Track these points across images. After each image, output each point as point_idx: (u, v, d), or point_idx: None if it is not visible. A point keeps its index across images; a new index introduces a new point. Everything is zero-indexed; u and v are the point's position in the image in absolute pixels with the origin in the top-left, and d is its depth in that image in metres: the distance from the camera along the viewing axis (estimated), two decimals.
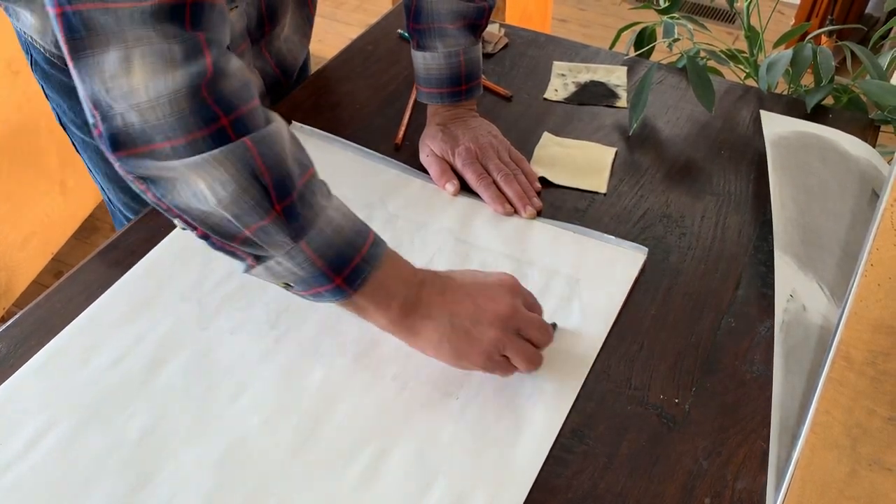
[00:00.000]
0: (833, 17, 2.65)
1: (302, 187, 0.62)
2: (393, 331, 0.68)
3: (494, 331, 0.66)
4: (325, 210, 0.63)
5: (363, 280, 0.64)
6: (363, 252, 0.64)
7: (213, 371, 0.70)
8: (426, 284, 0.67)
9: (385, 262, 0.66)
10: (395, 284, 0.66)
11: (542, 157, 0.95)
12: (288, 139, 0.63)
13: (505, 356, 0.67)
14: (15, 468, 0.63)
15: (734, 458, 0.65)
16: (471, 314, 0.66)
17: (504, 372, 0.68)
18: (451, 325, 0.66)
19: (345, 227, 0.64)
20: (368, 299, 0.65)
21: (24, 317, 0.75)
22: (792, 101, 1.06)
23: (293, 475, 0.63)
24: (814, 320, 0.75)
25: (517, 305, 0.68)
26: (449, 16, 0.90)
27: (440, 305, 0.66)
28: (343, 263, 0.63)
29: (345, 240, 0.63)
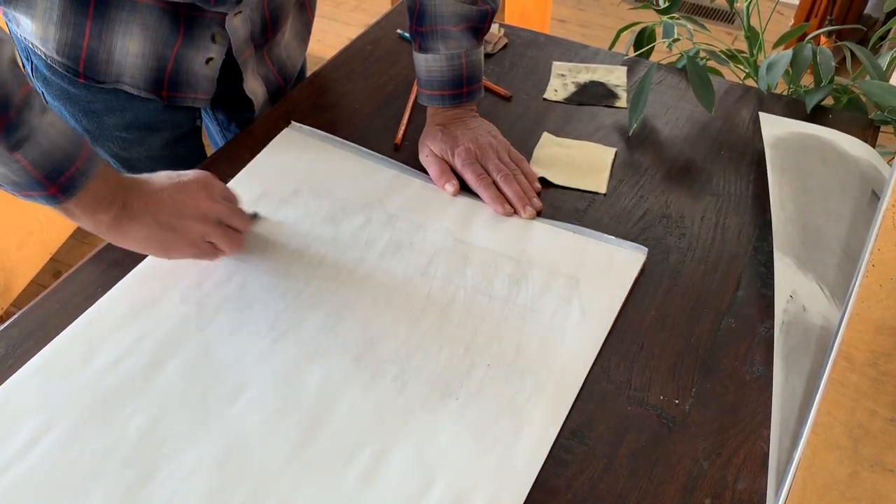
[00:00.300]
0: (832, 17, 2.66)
1: (19, 102, 0.66)
2: (103, 234, 0.73)
3: (196, 222, 0.74)
4: (42, 125, 0.68)
5: (76, 189, 0.70)
6: (78, 165, 0.70)
7: (213, 372, 0.70)
8: (131, 190, 0.73)
9: (97, 175, 0.71)
10: (103, 193, 0.71)
11: (542, 158, 0.95)
12: (7, 55, 0.67)
13: (210, 243, 0.76)
14: (14, 468, 0.63)
15: (734, 458, 0.65)
16: (173, 210, 0.74)
17: (211, 256, 0.78)
18: (156, 223, 0.73)
19: (60, 140, 0.69)
20: (79, 207, 0.71)
21: (23, 317, 0.75)
22: (792, 101, 1.06)
23: (292, 475, 0.63)
24: (814, 321, 0.75)
25: (213, 198, 0.76)
26: (452, 18, 0.89)
27: (144, 207, 0.73)
28: (57, 174, 0.68)
29: (61, 152, 0.69)
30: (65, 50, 0.86)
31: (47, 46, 0.87)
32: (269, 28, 0.97)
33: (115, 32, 0.85)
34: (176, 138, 1.00)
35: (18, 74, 0.67)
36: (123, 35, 0.85)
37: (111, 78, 0.89)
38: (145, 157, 0.99)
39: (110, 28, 0.85)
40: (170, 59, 0.89)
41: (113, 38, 0.85)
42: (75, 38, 0.85)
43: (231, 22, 0.90)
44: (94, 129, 0.95)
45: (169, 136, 0.99)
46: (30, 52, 0.90)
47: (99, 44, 0.86)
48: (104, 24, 0.84)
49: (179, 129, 1.00)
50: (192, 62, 0.91)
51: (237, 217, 0.79)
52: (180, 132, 1.00)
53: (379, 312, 0.76)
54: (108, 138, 0.96)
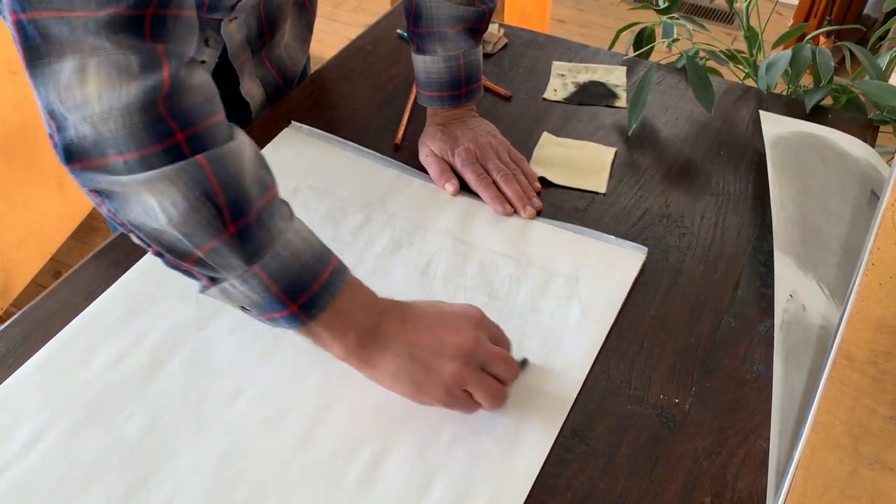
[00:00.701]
0: (831, 17, 2.66)
1: (260, 209, 0.59)
2: (350, 361, 0.65)
3: (455, 364, 0.63)
4: (283, 234, 0.60)
5: (320, 309, 0.61)
6: (322, 279, 0.61)
7: (212, 371, 0.70)
8: (386, 314, 0.64)
9: (345, 291, 0.63)
10: (354, 314, 0.63)
11: (542, 157, 0.95)
12: (250, 157, 0.61)
13: (467, 391, 0.64)
14: (14, 468, 0.63)
15: (734, 457, 0.65)
16: (431, 346, 0.63)
17: (466, 408, 0.65)
18: (410, 357, 0.63)
19: (304, 252, 0.61)
20: (325, 328, 0.62)
21: (23, 317, 0.75)
22: (791, 101, 1.06)
23: (292, 475, 0.63)
24: (814, 320, 0.75)
25: (480, 338, 0.65)
26: (448, 20, 0.90)
27: (400, 336, 0.64)
28: (299, 290, 0.60)
29: (303, 266, 0.61)
30: None
31: None
32: (267, 31, 0.97)
33: None
34: None
35: (263, 179, 0.61)
36: None
37: None
38: None
39: None
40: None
41: None
42: None
43: (227, 27, 0.90)
44: None
45: None
46: None
47: None
48: None
49: None
50: None
51: (505, 365, 0.66)
52: None
53: None
54: None
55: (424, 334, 0.64)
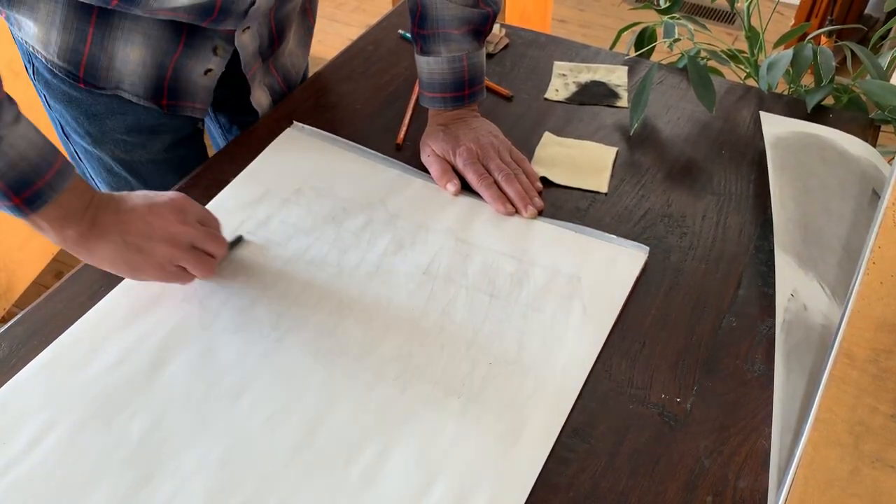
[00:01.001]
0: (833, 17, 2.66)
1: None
2: (68, 248, 0.72)
3: (165, 245, 0.72)
4: (10, 136, 0.68)
5: (42, 203, 0.69)
6: (46, 178, 0.69)
7: (215, 371, 0.71)
8: (101, 207, 0.72)
9: (67, 189, 0.70)
10: (73, 208, 0.70)
11: (543, 157, 0.95)
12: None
13: (180, 267, 0.74)
14: (17, 467, 0.63)
15: (736, 456, 0.66)
16: (142, 231, 0.72)
17: (180, 280, 0.75)
18: (124, 243, 0.72)
19: (28, 152, 0.68)
20: (46, 220, 0.70)
21: (27, 317, 0.75)
22: (792, 100, 1.06)
23: (294, 474, 0.63)
24: (815, 320, 0.75)
25: (186, 220, 0.74)
26: (454, 21, 0.90)
27: (113, 225, 0.72)
28: (23, 186, 0.67)
29: (28, 164, 0.68)
30: (65, 55, 0.86)
31: (48, 50, 0.87)
32: (276, 39, 0.97)
33: (117, 40, 0.85)
34: (177, 141, 1.00)
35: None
36: (125, 43, 0.85)
37: (111, 84, 0.89)
38: (147, 160, 0.99)
39: (112, 35, 0.85)
40: (168, 67, 0.89)
41: (114, 46, 0.85)
42: (76, 43, 0.85)
43: (240, 38, 0.90)
44: (96, 132, 0.95)
45: (170, 139, 0.99)
46: (31, 56, 0.90)
47: (100, 50, 0.86)
48: (106, 31, 0.84)
49: (181, 132, 1.00)
50: (191, 72, 0.91)
51: (211, 241, 0.76)
52: (182, 135, 1.00)
53: (381, 311, 0.76)
54: (110, 141, 0.96)
55: (136, 222, 0.73)
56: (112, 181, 1.01)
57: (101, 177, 1.02)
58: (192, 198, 0.87)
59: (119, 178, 1.00)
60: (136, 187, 1.01)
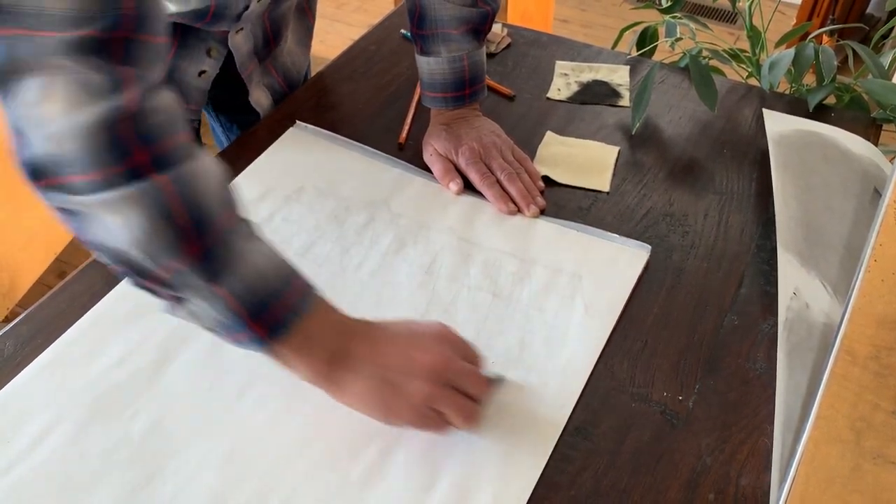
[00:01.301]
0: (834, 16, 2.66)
1: (223, 230, 0.58)
2: (316, 383, 0.63)
3: (425, 384, 0.61)
4: (248, 254, 0.59)
5: (286, 331, 0.60)
6: (289, 301, 0.60)
7: (218, 370, 0.71)
8: (356, 335, 0.63)
9: (313, 313, 0.62)
10: (320, 336, 0.62)
11: (546, 157, 0.95)
12: (214, 177, 0.60)
13: (438, 411, 0.63)
14: (21, 465, 0.63)
15: (738, 454, 0.66)
16: (400, 367, 0.62)
17: (438, 428, 0.63)
18: (379, 379, 0.62)
19: (269, 273, 0.60)
20: (291, 350, 0.61)
21: (31, 315, 0.75)
22: (794, 100, 1.06)
23: (298, 473, 0.64)
24: (817, 318, 0.75)
25: (450, 357, 0.63)
26: (452, 21, 0.90)
27: (368, 357, 0.62)
28: (265, 312, 0.59)
29: (268, 286, 0.59)
30: None
31: None
32: (272, 40, 0.97)
33: None
34: None
35: (227, 199, 0.60)
36: None
37: None
38: None
39: None
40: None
41: None
42: None
43: (233, 39, 0.90)
44: None
45: None
46: None
47: None
48: None
49: None
50: (185, 73, 0.90)
51: (476, 383, 0.64)
52: None
53: (383, 310, 0.76)
54: None
55: (393, 355, 0.63)
56: None
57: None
58: None
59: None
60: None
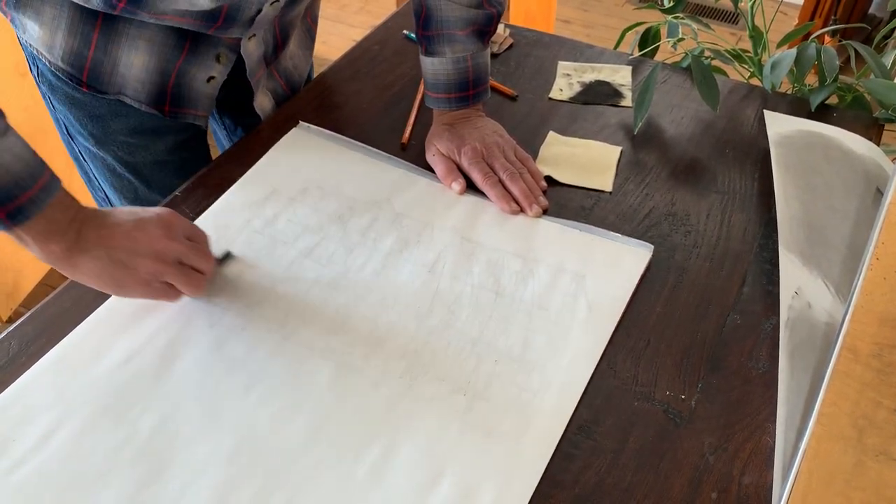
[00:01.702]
0: (836, 16, 2.66)
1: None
2: (54, 264, 0.71)
3: (150, 260, 0.71)
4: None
5: (25, 217, 0.68)
6: (31, 192, 0.68)
7: (223, 368, 0.71)
8: (86, 222, 0.71)
9: (52, 204, 0.69)
10: (56, 223, 0.70)
11: (548, 157, 0.96)
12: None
13: (167, 283, 0.72)
14: (28, 463, 0.64)
15: (740, 453, 0.66)
16: (127, 247, 0.71)
17: (167, 297, 0.74)
18: (108, 259, 0.70)
19: (13, 166, 0.67)
20: (30, 235, 0.69)
21: (36, 315, 0.76)
22: (796, 100, 1.06)
23: (302, 470, 0.64)
24: (819, 317, 0.75)
25: (173, 236, 0.73)
26: (458, 23, 0.90)
27: (97, 240, 0.71)
28: (7, 199, 0.66)
29: (13, 178, 0.67)
30: (69, 59, 0.87)
31: (52, 54, 0.87)
32: (279, 45, 0.98)
33: (121, 45, 0.86)
34: (181, 143, 1.00)
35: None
36: (129, 49, 0.86)
37: (114, 89, 0.90)
38: (150, 162, 1.00)
39: (117, 41, 0.85)
40: (171, 74, 0.89)
41: (118, 51, 0.86)
42: (81, 47, 0.85)
43: (246, 46, 0.90)
44: (99, 134, 0.95)
45: (173, 140, 0.99)
46: (35, 58, 0.91)
47: (104, 55, 0.86)
48: (111, 36, 0.85)
49: (184, 134, 1.00)
50: (193, 79, 0.91)
51: (198, 257, 0.74)
52: (185, 137, 1.00)
53: (387, 309, 0.76)
54: (114, 143, 0.96)
55: (120, 237, 0.71)
56: (116, 182, 1.02)
57: (104, 178, 1.02)
58: (197, 198, 0.88)
59: (123, 179, 1.01)
60: (139, 188, 1.01)
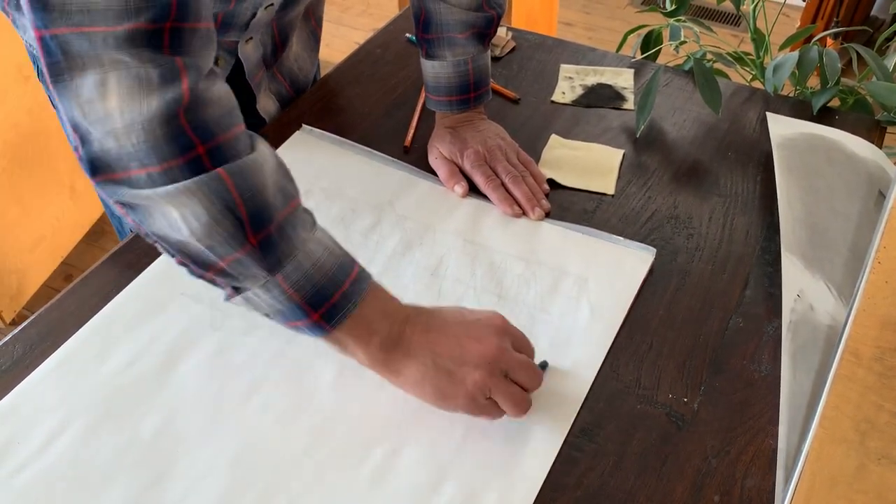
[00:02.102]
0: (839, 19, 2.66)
1: (281, 220, 0.61)
2: (373, 368, 0.65)
3: (479, 372, 0.63)
4: (305, 243, 0.61)
5: (342, 317, 0.62)
6: (344, 288, 0.62)
7: (226, 371, 0.71)
8: (410, 321, 0.65)
9: (367, 299, 0.64)
10: (376, 321, 0.64)
11: (550, 159, 0.96)
12: (272, 168, 0.62)
13: (491, 399, 0.64)
14: (31, 467, 0.64)
15: (743, 456, 0.66)
16: (455, 355, 0.64)
17: (490, 415, 0.65)
18: (434, 366, 0.64)
19: (326, 261, 0.62)
20: (348, 335, 0.63)
21: (40, 318, 0.76)
22: (798, 102, 1.06)
23: (305, 474, 0.64)
24: (821, 320, 0.76)
25: (504, 346, 0.65)
26: (458, 26, 0.90)
27: (423, 344, 0.64)
28: (321, 299, 0.61)
29: (325, 275, 0.61)
30: None
31: None
32: (279, 46, 0.98)
33: None
34: None
35: (285, 189, 0.62)
36: None
37: None
38: None
39: None
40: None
41: None
42: None
43: (243, 49, 0.91)
44: None
45: None
46: (37, 59, 0.91)
47: None
48: None
49: None
50: None
51: (528, 373, 0.66)
52: None
53: None
54: None
55: (448, 343, 0.64)
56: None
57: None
58: None
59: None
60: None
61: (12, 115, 1.72)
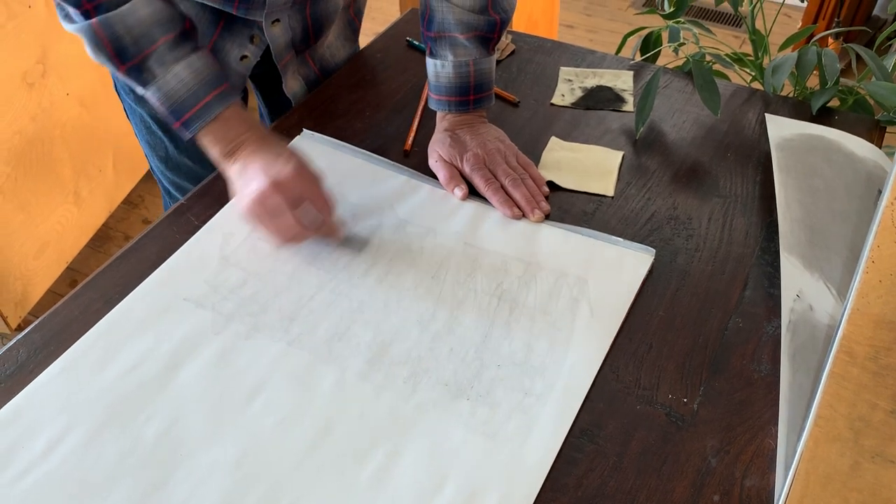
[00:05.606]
0: (840, 19, 2.66)
1: (145, 56, 0.81)
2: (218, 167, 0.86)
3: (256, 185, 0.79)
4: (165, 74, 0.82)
5: (194, 129, 0.83)
6: (193, 111, 0.83)
7: (228, 375, 0.72)
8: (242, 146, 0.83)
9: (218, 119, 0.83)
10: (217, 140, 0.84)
11: (550, 162, 0.96)
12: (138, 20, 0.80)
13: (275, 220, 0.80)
14: (35, 471, 0.65)
15: (743, 456, 0.66)
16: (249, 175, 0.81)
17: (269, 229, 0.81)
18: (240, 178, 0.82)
19: (179, 89, 0.82)
20: (202, 140, 0.84)
21: (44, 323, 0.76)
22: (797, 103, 1.06)
23: (306, 476, 0.64)
24: (821, 320, 0.76)
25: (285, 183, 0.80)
26: (459, 26, 0.91)
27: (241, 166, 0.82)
28: (179, 114, 0.83)
29: (177, 99, 0.82)
30: None
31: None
32: (312, 35, 1.00)
33: None
34: None
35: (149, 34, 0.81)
36: None
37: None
38: None
39: None
40: (206, 48, 0.91)
41: None
42: None
43: (270, 30, 0.94)
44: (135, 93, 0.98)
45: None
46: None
47: None
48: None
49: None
50: (228, 55, 0.95)
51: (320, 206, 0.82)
52: None
53: (390, 315, 0.77)
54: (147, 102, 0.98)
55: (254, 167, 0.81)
56: (150, 138, 1.08)
57: (141, 133, 1.09)
58: (203, 206, 0.89)
59: (155, 136, 1.07)
60: (169, 147, 1.07)
61: (16, 121, 1.73)
